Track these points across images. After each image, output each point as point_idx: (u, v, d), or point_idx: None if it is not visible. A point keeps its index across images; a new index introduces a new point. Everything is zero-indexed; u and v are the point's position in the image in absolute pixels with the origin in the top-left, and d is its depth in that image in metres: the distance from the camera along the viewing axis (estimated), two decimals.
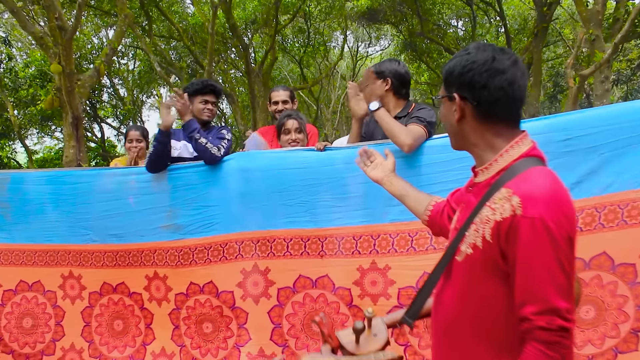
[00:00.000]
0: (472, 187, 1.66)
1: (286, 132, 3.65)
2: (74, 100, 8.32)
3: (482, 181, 1.59)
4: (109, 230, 3.56)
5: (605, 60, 8.05)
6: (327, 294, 3.16)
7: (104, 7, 15.37)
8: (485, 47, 1.55)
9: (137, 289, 3.56)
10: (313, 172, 3.19)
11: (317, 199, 3.16)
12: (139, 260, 3.53)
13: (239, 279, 3.32)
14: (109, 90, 22.03)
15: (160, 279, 3.50)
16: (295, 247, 3.20)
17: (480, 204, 1.53)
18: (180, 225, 3.44)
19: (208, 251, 3.38)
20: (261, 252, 3.26)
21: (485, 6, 17.83)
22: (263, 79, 16.73)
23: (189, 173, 3.46)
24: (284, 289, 3.24)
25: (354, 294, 3.08)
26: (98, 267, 3.62)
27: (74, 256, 3.68)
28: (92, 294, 3.65)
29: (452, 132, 1.67)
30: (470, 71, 1.53)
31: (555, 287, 1.37)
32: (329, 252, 3.13)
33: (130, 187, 3.55)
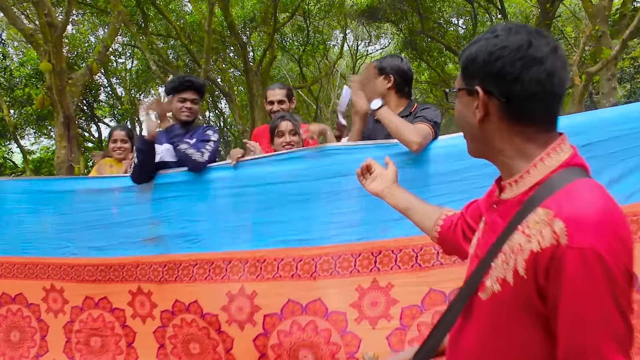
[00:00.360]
0: (496, 204, 1.32)
1: (279, 134, 3.37)
2: (65, 100, 8.09)
3: (511, 198, 1.26)
4: (91, 242, 3.33)
5: (613, 57, 7.81)
6: (318, 321, 2.86)
7: (97, 4, 15.11)
8: (519, 29, 1.22)
9: (120, 304, 3.31)
10: (307, 185, 2.92)
11: (311, 215, 2.89)
12: (121, 275, 3.28)
13: (223, 302, 3.04)
14: (106, 90, 21.84)
15: (145, 294, 3.25)
16: (286, 269, 2.93)
17: (509, 228, 1.20)
18: (164, 238, 3.19)
19: (193, 268, 3.12)
20: (250, 273, 3.00)
21: (486, 4, 17.60)
22: (262, 77, 16.49)
23: (174, 183, 3.22)
24: (270, 316, 2.95)
25: (349, 318, 2.80)
26: (79, 281, 3.38)
27: (54, 269, 3.45)
28: (74, 308, 3.41)
29: (471, 134, 1.32)
30: (499, 59, 1.20)
31: (612, 337, 1.05)
32: (323, 272, 2.85)
33: (114, 197, 3.31)
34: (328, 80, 24.51)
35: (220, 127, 25.34)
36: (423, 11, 15.89)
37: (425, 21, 16.18)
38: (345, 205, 2.83)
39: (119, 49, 20.12)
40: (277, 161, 3.05)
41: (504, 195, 1.29)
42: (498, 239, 1.22)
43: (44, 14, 7.38)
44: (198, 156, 3.15)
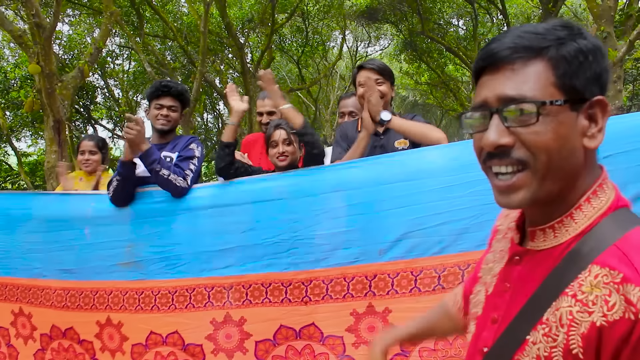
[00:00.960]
0: (520, 255, 1.02)
1: (273, 144, 3.13)
2: (55, 103, 7.87)
3: (546, 248, 0.96)
4: (61, 264, 3.07)
5: (619, 58, 7.58)
6: (315, 345, 2.65)
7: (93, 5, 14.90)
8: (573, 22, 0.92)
9: (87, 336, 3.05)
10: (295, 204, 2.70)
11: (299, 236, 2.66)
12: (91, 303, 3.01)
13: (208, 331, 2.80)
14: (103, 91, 21.63)
15: (114, 326, 2.98)
16: (275, 294, 2.70)
17: (550, 290, 0.91)
18: (141, 263, 2.93)
19: (173, 296, 2.87)
20: (234, 299, 2.76)
21: (487, 4, 17.38)
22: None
23: (153, 203, 2.97)
24: (262, 342, 2.73)
25: (347, 342, 2.59)
26: (47, 306, 3.12)
27: (23, 292, 3.19)
28: (43, 335, 3.14)
29: (567, 170, 0.92)
30: (596, 60, 0.90)
31: None
32: (314, 297, 2.63)
33: (87, 216, 3.05)
34: (327, 82, 24.32)
35: (219, 128, 25.12)
36: (423, 12, 15.69)
37: (425, 22, 15.97)
38: (337, 224, 2.60)
39: (116, 51, 19.92)
40: (263, 178, 2.86)
41: (534, 245, 0.99)
42: (531, 303, 0.93)
43: (31, 15, 7.15)
44: (181, 181, 2.91)
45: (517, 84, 0.89)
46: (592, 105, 0.90)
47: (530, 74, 0.89)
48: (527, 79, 0.89)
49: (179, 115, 3.37)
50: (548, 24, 0.91)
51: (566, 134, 0.89)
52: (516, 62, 0.90)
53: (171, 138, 3.35)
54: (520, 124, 0.89)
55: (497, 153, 0.92)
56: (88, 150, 4.23)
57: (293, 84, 22.64)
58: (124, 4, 14.38)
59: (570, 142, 0.90)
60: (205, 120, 24.97)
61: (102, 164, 4.34)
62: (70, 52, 17.70)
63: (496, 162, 0.93)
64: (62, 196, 3.27)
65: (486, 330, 1.05)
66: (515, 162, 0.90)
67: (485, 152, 0.95)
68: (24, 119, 17.95)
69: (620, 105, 8.27)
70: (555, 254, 0.94)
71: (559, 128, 0.88)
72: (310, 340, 2.67)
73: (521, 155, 0.90)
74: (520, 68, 0.90)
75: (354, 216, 2.57)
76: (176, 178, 2.89)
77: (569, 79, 0.89)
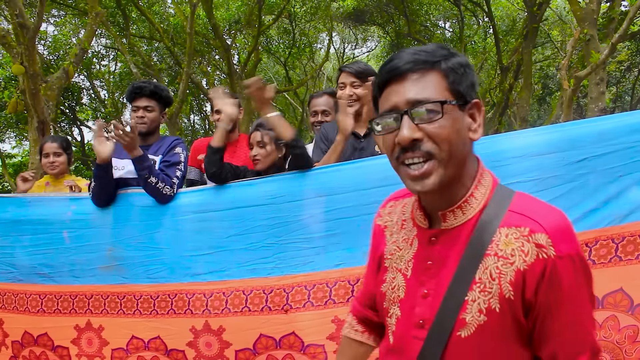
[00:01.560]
0: (436, 236, 1.23)
1: (250, 146, 3.11)
2: (39, 104, 7.79)
3: (457, 226, 1.20)
4: (37, 268, 3.02)
5: (602, 61, 7.67)
6: (295, 354, 2.64)
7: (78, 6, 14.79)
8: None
9: (62, 342, 3.00)
10: (282, 208, 2.69)
11: (285, 240, 2.66)
12: (70, 307, 2.97)
13: (189, 338, 2.79)
14: (89, 93, 21.46)
15: (94, 330, 2.95)
16: (255, 302, 2.68)
17: (472, 256, 1.15)
18: (122, 267, 2.89)
19: (155, 301, 2.84)
20: (213, 308, 2.73)
21: (473, 7, 17.49)
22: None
23: (135, 206, 2.95)
24: (242, 351, 2.71)
25: (328, 350, 2.58)
26: (20, 312, 3.06)
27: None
28: (14, 343, 3.09)
29: (460, 158, 1.16)
30: (470, 69, 1.18)
31: (594, 327, 1.16)
32: (295, 304, 2.62)
33: (65, 219, 3.01)
34: (314, 83, 24.31)
35: (205, 130, 25.04)
36: (410, 14, 15.74)
37: (412, 24, 16.03)
38: (321, 228, 2.60)
39: (101, 52, 19.79)
40: (245, 184, 2.84)
41: (446, 225, 1.22)
42: (460, 271, 1.16)
43: (15, 15, 7.09)
44: (168, 189, 2.90)
45: (420, 90, 1.13)
46: (471, 106, 1.18)
47: (429, 81, 1.14)
48: (427, 86, 1.14)
49: (157, 114, 3.31)
50: (431, 46, 1.18)
51: (459, 128, 1.14)
52: (416, 72, 1.15)
53: (154, 140, 3.32)
54: (426, 121, 1.12)
55: (409, 147, 1.14)
56: (52, 152, 3.99)
57: (280, 85, 22.62)
58: (110, 5, 14.29)
59: (462, 135, 1.15)
60: (192, 122, 24.87)
61: (68, 165, 4.15)
62: (56, 52, 17.55)
63: (409, 155, 1.14)
64: (37, 199, 3.21)
65: (418, 306, 1.23)
66: (425, 154, 1.13)
67: (398, 148, 1.16)
68: (7, 120, 17.76)
69: (604, 107, 8.37)
70: (468, 228, 1.18)
71: (455, 123, 1.13)
72: (290, 349, 2.66)
73: (428, 148, 1.12)
74: (420, 77, 1.14)
75: (340, 220, 2.57)
76: (163, 187, 2.87)
77: (457, 85, 1.15)
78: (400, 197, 1.43)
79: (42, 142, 4.08)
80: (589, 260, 2.31)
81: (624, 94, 21.30)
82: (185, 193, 2.97)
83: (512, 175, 2.40)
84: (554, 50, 19.45)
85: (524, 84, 13.39)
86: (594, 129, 2.35)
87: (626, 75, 19.14)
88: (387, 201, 1.47)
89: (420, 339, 1.20)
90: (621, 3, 9.69)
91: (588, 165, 2.30)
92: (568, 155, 2.32)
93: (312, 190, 2.66)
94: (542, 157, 2.37)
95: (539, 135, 2.44)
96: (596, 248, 2.33)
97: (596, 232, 2.31)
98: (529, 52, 13.17)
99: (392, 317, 1.29)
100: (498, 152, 2.45)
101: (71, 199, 3.15)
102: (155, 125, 3.35)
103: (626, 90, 21.08)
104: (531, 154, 2.40)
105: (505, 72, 15.37)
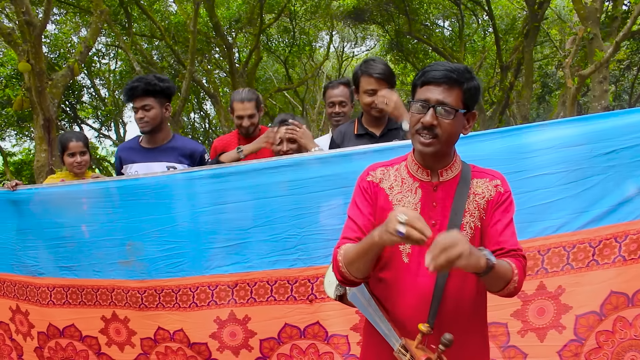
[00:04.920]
0: (436, 187, 1.83)
1: (278, 141, 3.09)
2: (45, 101, 7.80)
3: (449, 179, 1.84)
4: (60, 261, 3.02)
5: (606, 59, 7.71)
6: (319, 344, 2.68)
7: (80, 4, 14.77)
8: None
9: (90, 332, 3.02)
10: (305, 198, 2.69)
11: (308, 231, 2.67)
12: (94, 299, 2.98)
13: (212, 329, 2.81)
14: (89, 91, 21.42)
15: (121, 321, 2.97)
16: (280, 291, 2.70)
17: (462, 196, 1.81)
18: (143, 262, 2.90)
19: (176, 295, 2.85)
20: (239, 297, 2.76)
21: (473, 5, 17.52)
22: (247, 79, 16.26)
23: (153, 200, 2.91)
24: (267, 340, 2.75)
25: (351, 341, 2.62)
26: (43, 305, 3.06)
27: (20, 289, 3.14)
28: (40, 334, 3.11)
29: (452, 142, 1.82)
30: (478, 92, 1.81)
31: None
32: (320, 294, 2.65)
33: (84, 214, 2.99)
34: (314, 82, 24.31)
35: (205, 129, 25.03)
36: (410, 13, 15.75)
37: (412, 23, 16.04)
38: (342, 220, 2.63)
39: (102, 50, 19.75)
40: (267, 171, 2.77)
41: (442, 179, 1.84)
42: (456, 205, 1.80)
43: (21, 12, 7.10)
44: None
45: (446, 96, 1.73)
46: (470, 114, 1.82)
47: (453, 93, 1.74)
48: (451, 95, 1.74)
49: (157, 111, 3.24)
50: (461, 68, 1.75)
51: (458, 127, 1.78)
52: (447, 84, 1.73)
53: (165, 137, 3.27)
54: (443, 117, 1.73)
55: (427, 127, 1.74)
56: (79, 152, 3.78)
57: (280, 84, 22.61)
58: (113, 3, 14.27)
59: (458, 130, 1.79)
60: (192, 120, 24.86)
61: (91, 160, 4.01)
62: (56, 51, 17.52)
63: (425, 133, 1.75)
64: (58, 190, 3.17)
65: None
66: (434, 135, 1.74)
67: (420, 125, 1.75)
68: (8, 118, 17.72)
69: (607, 105, 8.41)
70: (455, 181, 1.84)
71: (457, 123, 1.76)
72: (314, 339, 2.69)
73: (437, 132, 1.74)
74: (448, 88, 1.74)
75: None
76: None
77: (467, 100, 1.77)
78: (389, 165, 1.95)
79: (63, 139, 3.85)
80: (619, 256, 2.34)
81: (623, 92, 21.37)
82: (203, 183, 2.91)
83: (538, 168, 2.43)
84: (552, 49, 19.49)
85: (525, 82, 13.44)
86: (623, 121, 2.37)
87: (625, 74, 19.20)
88: (374, 167, 1.96)
89: None
90: (624, 2, 9.74)
91: (616, 157, 2.32)
92: (596, 147, 2.34)
93: (335, 181, 2.67)
94: (570, 149, 2.40)
95: (567, 126, 2.46)
96: (626, 243, 2.34)
97: (625, 226, 2.33)
98: (530, 51, 13.21)
99: (407, 244, 1.74)
100: (525, 145, 2.47)
101: (84, 187, 3.10)
102: (159, 122, 3.29)
103: (625, 89, 21.15)
104: (559, 146, 2.42)
105: (506, 71, 15.41)
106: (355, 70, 3.19)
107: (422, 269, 1.70)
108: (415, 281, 1.77)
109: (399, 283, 1.80)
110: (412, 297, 1.77)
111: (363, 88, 3.09)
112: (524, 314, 2.51)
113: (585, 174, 2.37)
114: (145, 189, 2.97)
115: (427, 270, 1.57)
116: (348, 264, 1.75)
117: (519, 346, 2.52)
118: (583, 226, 2.43)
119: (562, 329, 2.47)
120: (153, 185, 2.97)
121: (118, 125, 22.76)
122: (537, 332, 2.50)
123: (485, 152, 2.48)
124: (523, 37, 13.35)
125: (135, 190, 2.97)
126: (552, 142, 2.44)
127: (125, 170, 3.36)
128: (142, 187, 2.98)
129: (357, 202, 1.91)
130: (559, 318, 2.47)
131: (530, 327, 2.51)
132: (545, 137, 2.46)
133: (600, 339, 2.43)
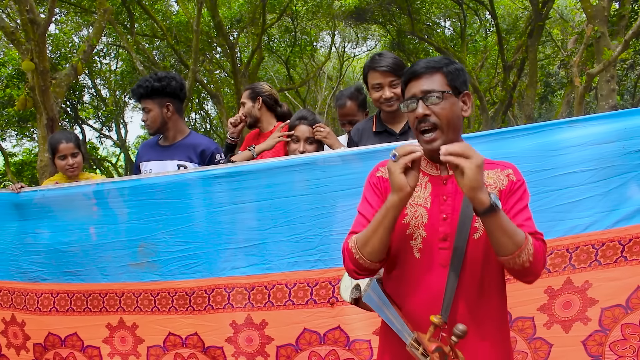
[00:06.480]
0: (446, 180, 1.81)
1: (295, 139, 3.04)
2: (49, 101, 7.73)
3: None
4: (63, 266, 2.92)
5: (614, 58, 7.67)
6: (339, 350, 2.59)
7: (82, 3, 14.71)
8: None
9: (93, 341, 2.93)
10: (326, 197, 2.61)
11: (329, 232, 2.59)
12: (100, 305, 2.89)
13: (228, 334, 2.73)
14: (90, 91, 21.36)
15: (128, 328, 2.88)
16: (299, 295, 2.62)
17: None
18: (155, 263, 2.81)
19: (190, 297, 2.77)
20: (256, 301, 2.68)
21: (475, 5, 17.48)
22: (249, 79, 16.20)
23: (166, 199, 2.83)
24: (284, 347, 2.66)
25: (374, 346, 2.52)
26: (44, 313, 2.97)
27: (18, 297, 3.02)
28: (36, 345, 3.00)
29: (456, 127, 1.79)
30: (463, 73, 1.82)
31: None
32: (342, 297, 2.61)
33: (91, 214, 2.91)
34: (315, 82, 24.26)
35: (206, 129, 24.97)
36: (412, 12, 15.71)
37: (414, 22, 16.00)
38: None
39: (103, 50, 19.70)
40: (286, 170, 2.70)
41: (450, 172, 1.71)
42: (467, 198, 1.65)
43: (25, 11, 7.03)
44: None
45: (430, 84, 1.76)
46: (463, 95, 1.81)
47: (435, 79, 1.77)
48: (434, 82, 1.76)
49: (156, 112, 3.21)
50: (438, 57, 1.80)
51: (454, 109, 1.76)
52: (428, 73, 1.77)
53: (177, 134, 3.27)
54: (432, 104, 1.73)
55: (422, 119, 1.74)
56: (70, 154, 3.60)
57: (281, 84, 22.56)
58: (115, 3, 14.21)
59: (456, 113, 1.77)
60: (193, 120, 24.80)
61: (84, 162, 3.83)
62: (57, 51, 17.46)
63: (422, 125, 1.74)
64: (62, 192, 3.05)
65: (441, 226, 1.78)
66: (431, 124, 1.73)
67: (416, 120, 1.75)
68: (9, 118, 17.65)
69: (614, 104, 8.36)
70: None
71: (451, 106, 1.75)
72: (335, 345, 2.61)
73: (433, 120, 1.73)
74: (430, 76, 1.77)
75: None
76: None
77: (453, 82, 1.77)
78: None
79: (52, 142, 3.68)
80: None
81: (625, 92, 21.33)
82: (219, 182, 2.82)
83: (568, 165, 2.39)
84: (554, 49, 19.45)
85: (529, 82, 13.39)
86: None
87: (628, 74, 19.14)
88: (383, 163, 1.93)
89: (445, 248, 1.75)
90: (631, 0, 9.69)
91: None
92: (628, 144, 2.30)
93: (356, 180, 2.56)
94: (601, 146, 2.36)
95: (598, 123, 2.42)
96: None
97: None
98: (534, 50, 13.17)
99: (417, 239, 1.78)
100: (554, 142, 2.43)
101: (96, 194, 2.99)
102: (161, 122, 3.25)
103: (627, 88, 21.11)
104: (589, 143, 2.39)
105: (508, 71, 15.37)
106: (363, 67, 3.23)
107: (434, 264, 1.76)
108: (427, 276, 1.77)
109: (411, 279, 1.80)
110: (425, 293, 1.77)
111: (370, 83, 3.11)
112: (550, 307, 2.52)
113: (616, 171, 2.34)
114: (157, 188, 2.89)
115: (439, 266, 1.74)
116: (362, 246, 1.73)
117: (545, 337, 2.54)
118: (613, 225, 2.41)
119: (587, 320, 2.49)
120: (164, 185, 2.90)
121: (119, 125, 22.71)
122: (562, 324, 2.51)
123: (514, 150, 2.45)
124: (526, 37, 13.29)
125: (146, 189, 2.90)
126: (583, 139, 2.41)
127: (141, 168, 3.34)
128: (154, 186, 2.90)
129: (367, 197, 1.92)
130: (584, 311, 2.48)
131: (556, 320, 2.52)
132: (576, 134, 2.42)
133: (627, 331, 2.45)
